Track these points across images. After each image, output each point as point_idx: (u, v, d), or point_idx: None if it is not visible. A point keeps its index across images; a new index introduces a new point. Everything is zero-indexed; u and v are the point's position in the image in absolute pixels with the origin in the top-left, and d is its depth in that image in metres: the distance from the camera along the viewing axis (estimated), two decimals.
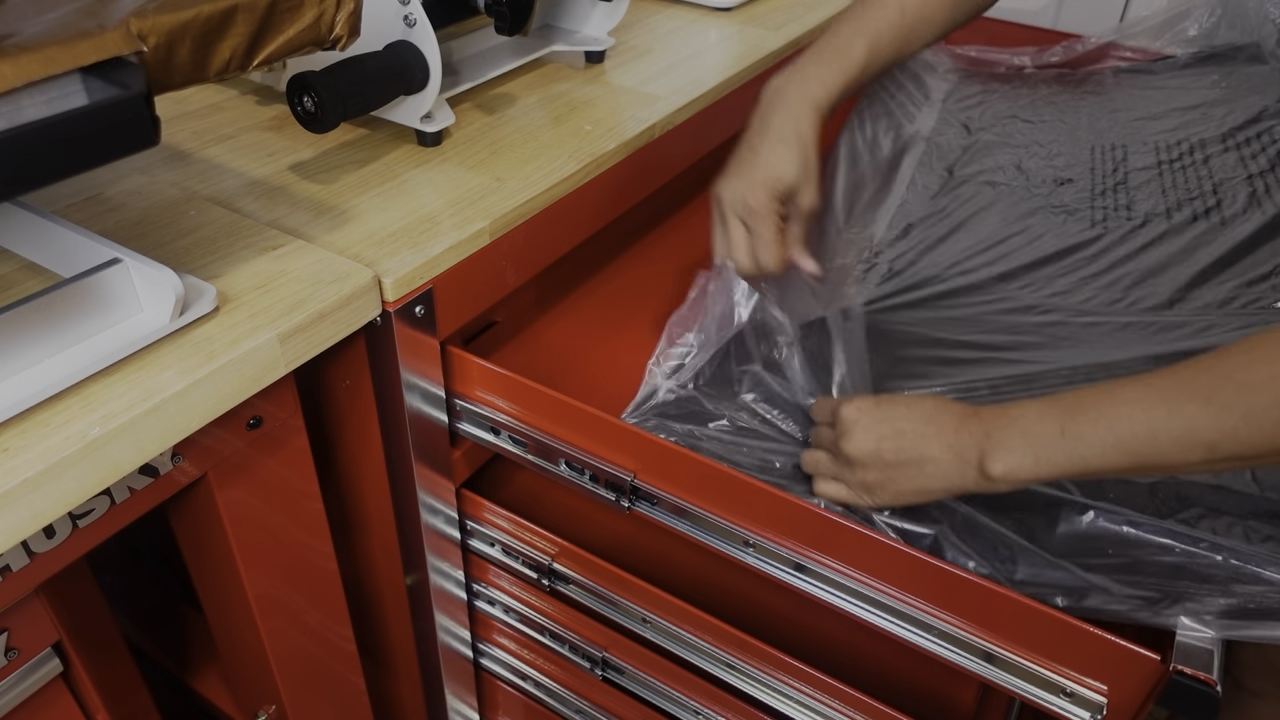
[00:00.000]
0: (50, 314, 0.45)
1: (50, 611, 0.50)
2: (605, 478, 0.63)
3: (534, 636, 0.79)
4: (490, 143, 0.73)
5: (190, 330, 0.48)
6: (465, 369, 0.66)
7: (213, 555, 0.60)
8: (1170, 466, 0.49)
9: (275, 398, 0.55)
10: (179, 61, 0.43)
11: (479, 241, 0.62)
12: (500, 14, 0.70)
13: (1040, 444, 0.52)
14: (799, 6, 1.07)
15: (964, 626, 0.55)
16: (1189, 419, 0.48)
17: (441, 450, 0.68)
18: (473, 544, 0.77)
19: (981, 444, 0.54)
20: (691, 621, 0.68)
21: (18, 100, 0.37)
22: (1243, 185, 0.98)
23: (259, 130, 0.73)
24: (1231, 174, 0.98)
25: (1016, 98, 1.18)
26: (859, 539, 0.55)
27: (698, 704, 0.72)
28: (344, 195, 0.65)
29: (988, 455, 0.53)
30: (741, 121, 0.69)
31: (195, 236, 0.58)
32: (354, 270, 0.55)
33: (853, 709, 0.64)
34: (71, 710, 0.56)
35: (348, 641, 0.73)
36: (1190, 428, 0.48)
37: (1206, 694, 0.48)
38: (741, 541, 0.60)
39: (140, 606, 0.90)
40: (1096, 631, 0.50)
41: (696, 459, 0.59)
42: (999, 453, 0.53)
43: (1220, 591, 0.53)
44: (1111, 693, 0.52)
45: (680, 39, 0.96)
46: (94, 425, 0.42)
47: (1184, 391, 0.49)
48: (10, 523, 0.40)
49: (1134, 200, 0.95)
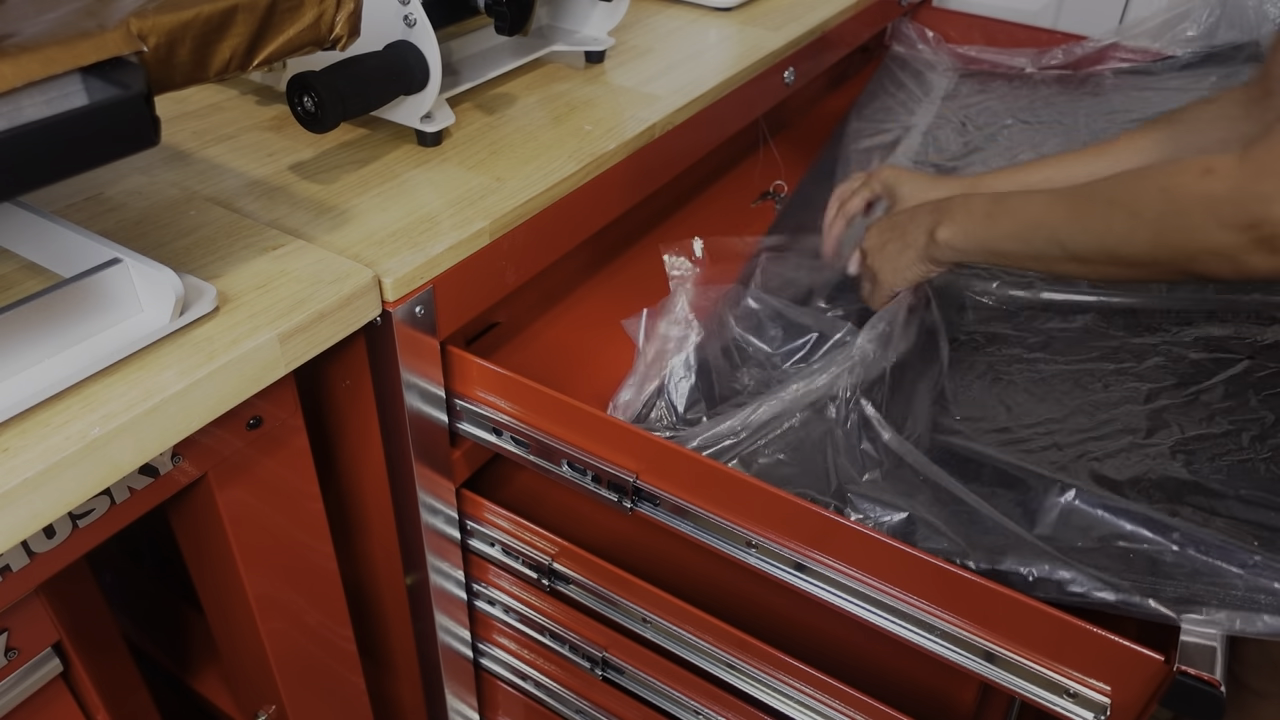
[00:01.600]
0: (50, 314, 0.45)
1: (50, 611, 0.50)
2: (608, 479, 0.63)
3: (534, 636, 0.79)
4: (490, 143, 0.73)
5: (190, 330, 0.48)
6: (465, 369, 0.66)
7: (213, 555, 0.60)
8: (1042, 258, 0.63)
9: (275, 398, 0.55)
10: (179, 61, 0.43)
11: (479, 241, 0.62)
12: (500, 14, 0.70)
13: (971, 222, 0.67)
14: (799, 6, 1.07)
15: (965, 626, 0.55)
16: (1057, 220, 0.61)
17: (441, 450, 0.68)
18: (473, 544, 0.77)
19: (939, 217, 0.69)
20: (691, 621, 0.68)
21: (18, 100, 0.37)
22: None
23: (259, 130, 0.73)
24: None
25: (1015, 99, 1.18)
26: (859, 538, 0.55)
27: (698, 704, 0.72)
28: (344, 195, 0.65)
29: (939, 224, 0.69)
30: (741, 121, 0.69)
31: (195, 236, 0.58)
32: (354, 270, 0.55)
33: (853, 709, 0.64)
34: (71, 710, 0.56)
35: (348, 641, 0.73)
36: (1055, 226, 0.61)
37: (1210, 694, 0.48)
38: (744, 542, 0.60)
39: (140, 606, 0.90)
40: (1099, 632, 0.50)
41: (699, 460, 0.59)
42: (945, 222, 0.68)
43: (1184, 583, 0.54)
44: (1115, 693, 0.51)
45: (680, 39, 0.96)
46: (94, 425, 0.42)
47: (1064, 199, 0.61)
48: (10, 523, 0.40)
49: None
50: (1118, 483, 0.64)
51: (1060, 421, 0.71)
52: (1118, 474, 0.65)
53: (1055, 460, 0.67)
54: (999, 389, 0.75)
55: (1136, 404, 0.72)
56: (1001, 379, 0.76)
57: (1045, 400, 0.73)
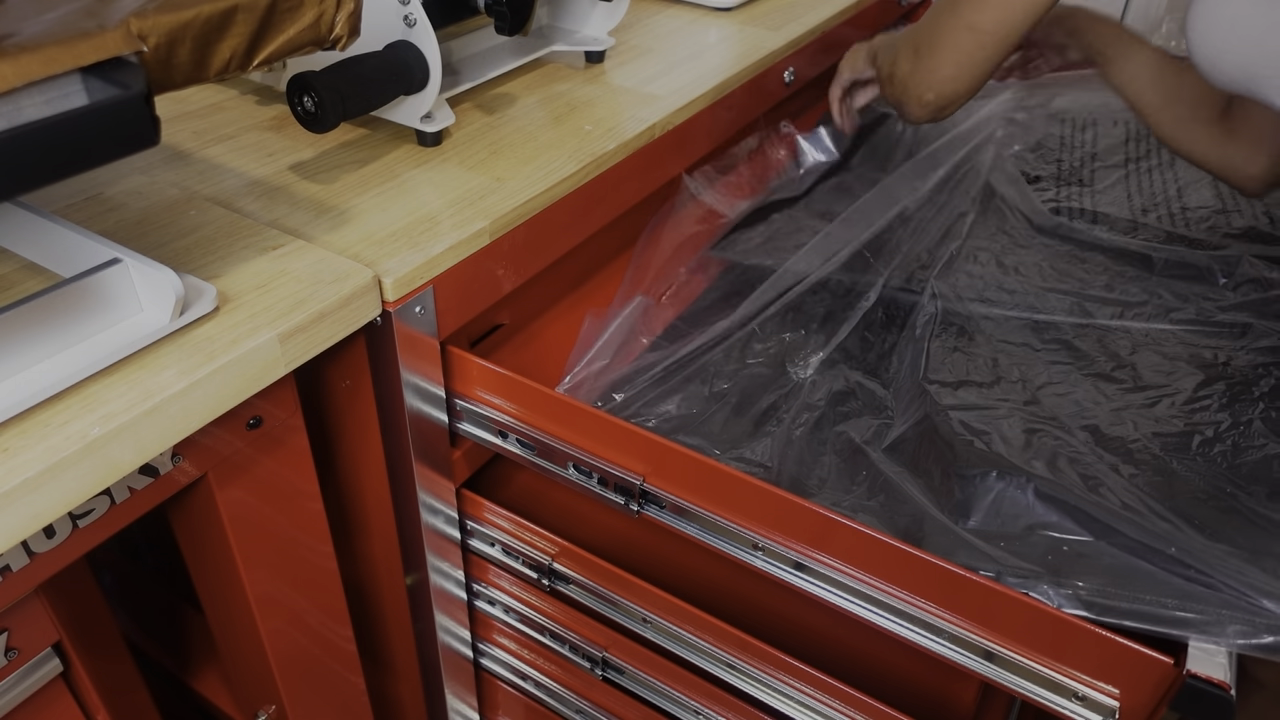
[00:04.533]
0: (50, 314, 0.45)
1: (50, 611, 0.50)
2: (614, 481, 0.63)
3: (534, 636, 0.79)
4: (490, 143, 0.73)
5: (190, 330, 0.48)
6: (465, 369, 0.66)
7: (213, 555, 0.60)
8: (974, 29, 0.73)
9: (275, 398, 0.55)
10: (179, 61, 0.43)
11: (479, 241, 0.62)
12: (500, 14, 0.70)
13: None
14: (799, 6, 1.07)
15: (969, 627, 0.55)
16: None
17: (441, 450, 0.68)
18: (473, 544, 0.77)
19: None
20: (691, 621, 0.68)
21: (18, 100, 0.37)
22: (1209, 185, 0.99)
23: (259, 130, 0.73)
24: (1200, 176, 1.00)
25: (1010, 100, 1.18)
26: (861, 538, 0.55)
27: (698, 704, 0.72)
28: (344, 195, 0.65)
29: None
30: (741, 121, 0.70)
31: (195, 236, 0.58)
32: (354, 270, 0.55)
33: (853, 709, 0.64)
34: (71, 710, 0.56)
35: (348, 641, 0.73)
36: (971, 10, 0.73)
37: (1221, 698, 0.48)
38: (750, 545, 0.60)
39: (140, 606, 0.90)
40: (1108, 635, 0.50)
41: (707, 463, 0.58)
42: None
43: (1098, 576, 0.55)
44: (1124, 696, 0.51)
45: (680, 39, 0.96)
46: (94, 425, 0.42)
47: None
48: (10, 523, 0.40)
49: (1098, 203, 0.98)
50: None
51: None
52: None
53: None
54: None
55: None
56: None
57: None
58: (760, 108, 0.97)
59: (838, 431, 0.72)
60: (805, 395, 0.76)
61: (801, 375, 0.79)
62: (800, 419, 0.74)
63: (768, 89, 0.96)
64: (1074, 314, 0.81)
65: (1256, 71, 0.59)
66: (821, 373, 0.79)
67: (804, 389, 0.77)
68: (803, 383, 0.78)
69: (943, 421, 0.68)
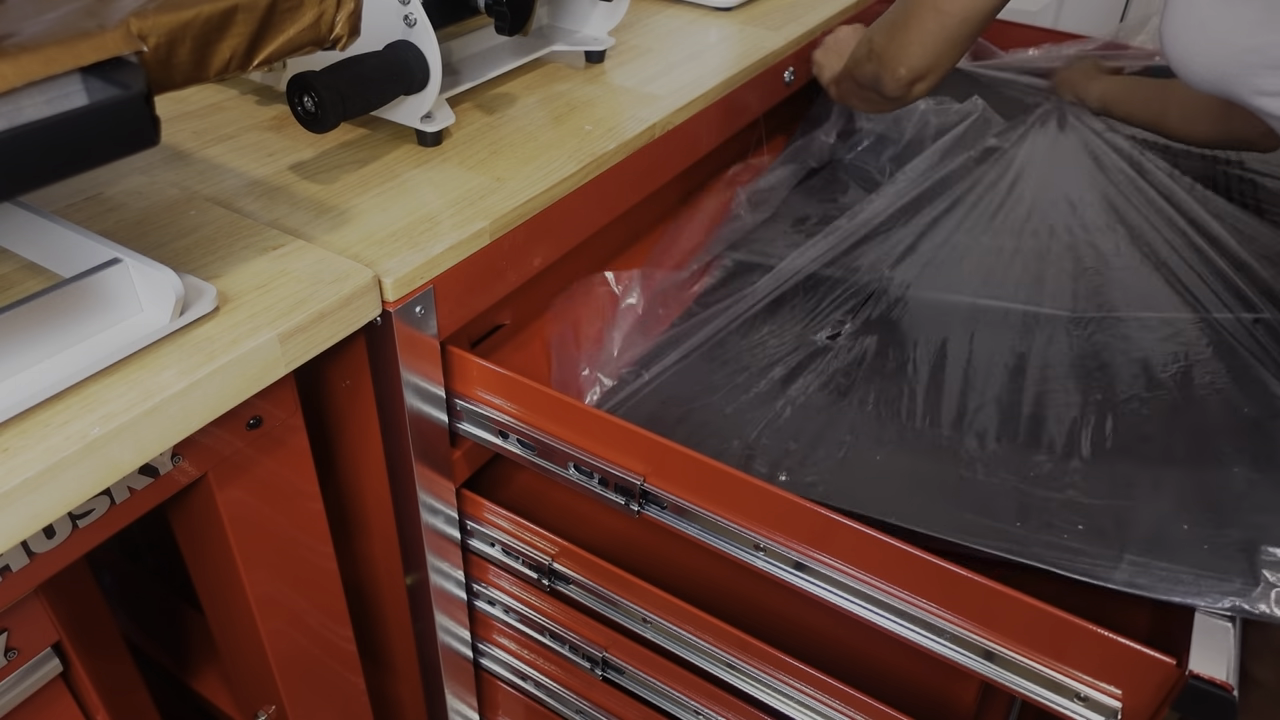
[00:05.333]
0: (50, 314, 0.45)
1: (50, 611, 0.50)
2: (615, 481, 0.63)
3: (534, 636, 0.79)
4: (490, 143, 0.73)
5: (190, 330, 0.48)
6: (465, 369, 0.66)
7: (213, 555, 0.60)
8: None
9: (275, 398, 0.55)
10: (179, 61, 0.43)
11: (479, 241, 0.62)
12: (500, 14, 0.70)
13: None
14: (799, 6, 1.07)
15: (969, 627, 0.55)
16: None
17: (441, 450, 0.68)
18: (473, 544, 0.77)
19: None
20: (691, 621, 0.68)
21: (18, 100, 0.37)
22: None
23: (259, 130, 0.73)
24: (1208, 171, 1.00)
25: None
26: (862, 538, 0.55)
27: (698, 704, 0.72)
28: (344, 195, 0.65)
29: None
30: (741, 121, 0.70)
31: (195, 236, 0.58)
32: (354, 270, 0.55)
33: (853, 709, 0.64)
34: (71, 710, 0.56)
35: (348, 641, 0.73)
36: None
37: (1223, 698, 0.48)
38: (752, 545, 0.60)
39: (140, 606, 0.90)
40: (1109, 635, 0.50)
41: (708, 462, 0.58)
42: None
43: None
44: (1126, 697, 0.51)
45: (680, 39, 0.96)
46: (94, 425, 0.42)
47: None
48: (10, 523, 0.40)
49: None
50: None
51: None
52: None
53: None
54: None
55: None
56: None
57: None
58: (760, 108, 0.97)
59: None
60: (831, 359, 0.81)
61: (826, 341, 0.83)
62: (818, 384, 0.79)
63: (768, 89, 0.96)
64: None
65: (1226, 70, 0.61)
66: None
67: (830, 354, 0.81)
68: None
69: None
